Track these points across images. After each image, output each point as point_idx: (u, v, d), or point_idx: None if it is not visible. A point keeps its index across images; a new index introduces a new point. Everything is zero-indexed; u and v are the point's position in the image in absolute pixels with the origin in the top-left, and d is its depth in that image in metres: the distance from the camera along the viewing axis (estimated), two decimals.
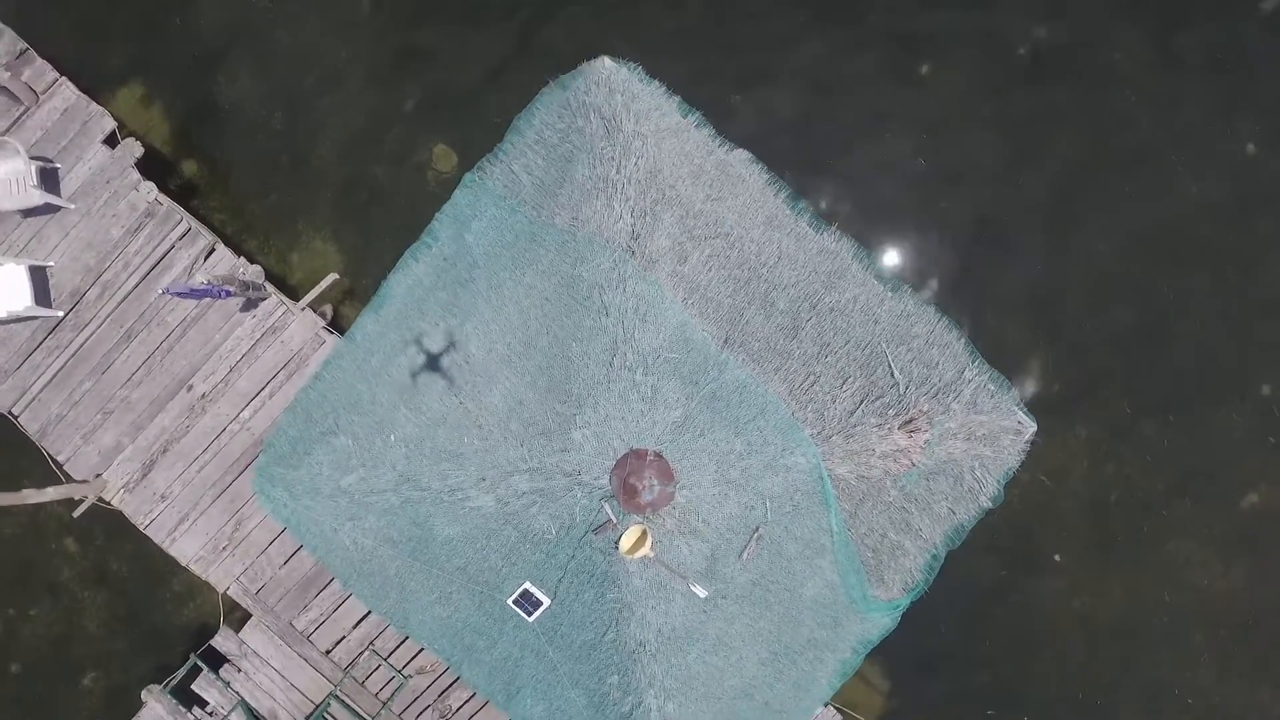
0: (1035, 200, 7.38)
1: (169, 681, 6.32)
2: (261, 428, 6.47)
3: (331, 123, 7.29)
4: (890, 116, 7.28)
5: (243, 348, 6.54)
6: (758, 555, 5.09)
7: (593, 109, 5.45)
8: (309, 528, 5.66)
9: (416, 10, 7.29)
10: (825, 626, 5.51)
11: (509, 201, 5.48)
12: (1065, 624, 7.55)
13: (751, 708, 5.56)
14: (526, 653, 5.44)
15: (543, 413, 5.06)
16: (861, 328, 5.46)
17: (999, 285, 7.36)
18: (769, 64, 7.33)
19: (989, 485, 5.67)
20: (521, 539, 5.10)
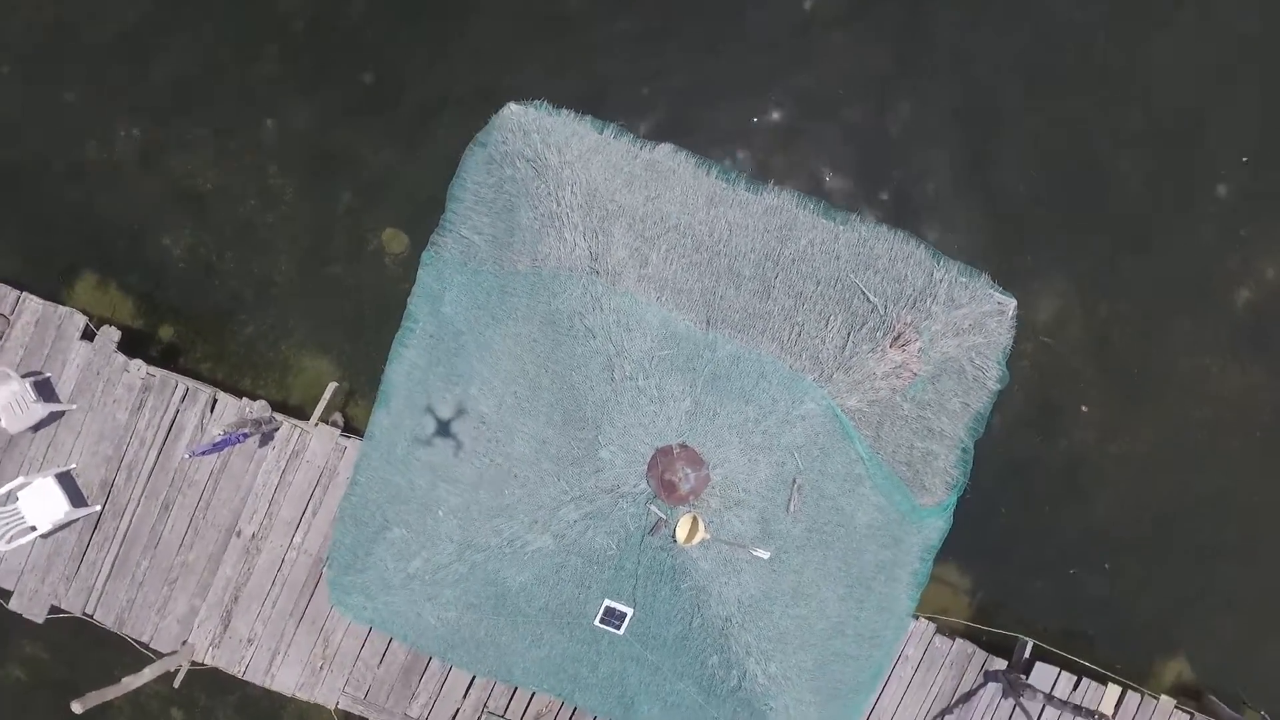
0: (939, 91, 7.88)
1: None
2: (317, 546, 6.98)
3: (279, 243, 7.79)
4: (778, 48, 7.75)
5: (273, 480, 7.04)
6: (803, 504, 5.61)
7: (515, 155, 5.93)
8: (393, 620, 6.18)
9: (320, 119, 7.78)
10: (887, 547, 6.03)
11: (470, 265, 5.97)
12: (1110, 469, 8.08)
13: (846, 642, 6.08)
14: (628, 663, 5.96)
15: (567, 444, 5.56)
16: (826, 267, 5.95)
17: (930, 177, 7.85)
18: (656, 49, 7.82)
19: (991, 369, 6.18)
20: (588, 563, 5.61)
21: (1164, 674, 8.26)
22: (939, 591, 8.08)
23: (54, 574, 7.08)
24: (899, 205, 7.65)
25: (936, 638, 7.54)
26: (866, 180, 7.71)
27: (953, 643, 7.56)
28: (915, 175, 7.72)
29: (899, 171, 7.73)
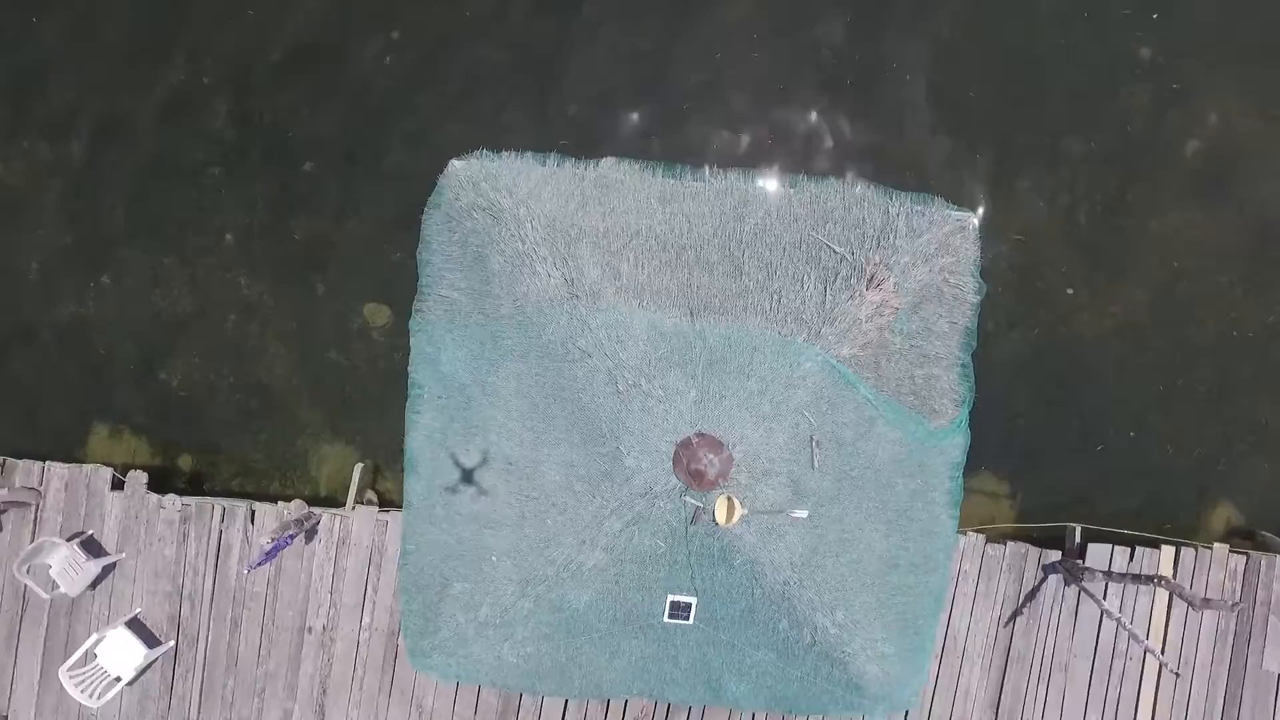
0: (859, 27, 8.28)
1: None
2: (386, 621, 7.43)
3: (269, 346, 8.22)
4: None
5: (327, 571, 7.49)
6: (825, 457, 6.05)
7: (470, 208, 6.36)
8: (476, 669, 6.64)
9: (273, 217, 8.20)
10: (915, 475, 6.47)
11: (457, 321, 6.41)
12: (1110, 341, 8.52)
13: (902, 574, 6.53)
14: (705, 649, 6.41)
15: (593, 462, 6.01)
16: (787, 232, 6.37)
17: (868, 114, 8.27)
18: (578, 57, 8.23)
19: (967, 284, 6.61)
20: (642, 566, 6.06)
21: (1213, 523, 8.70)
22: (981, 503, 8.54)
23: (148, 717, 7.54)
24: (838, 146, 8.08)
25: (988, 547, 7.99)
26: (808, 134, 8.15)
27: (1005, 548, 8.01)
28: (852, 103, 8.16)
29: (829, 99, 8.15)
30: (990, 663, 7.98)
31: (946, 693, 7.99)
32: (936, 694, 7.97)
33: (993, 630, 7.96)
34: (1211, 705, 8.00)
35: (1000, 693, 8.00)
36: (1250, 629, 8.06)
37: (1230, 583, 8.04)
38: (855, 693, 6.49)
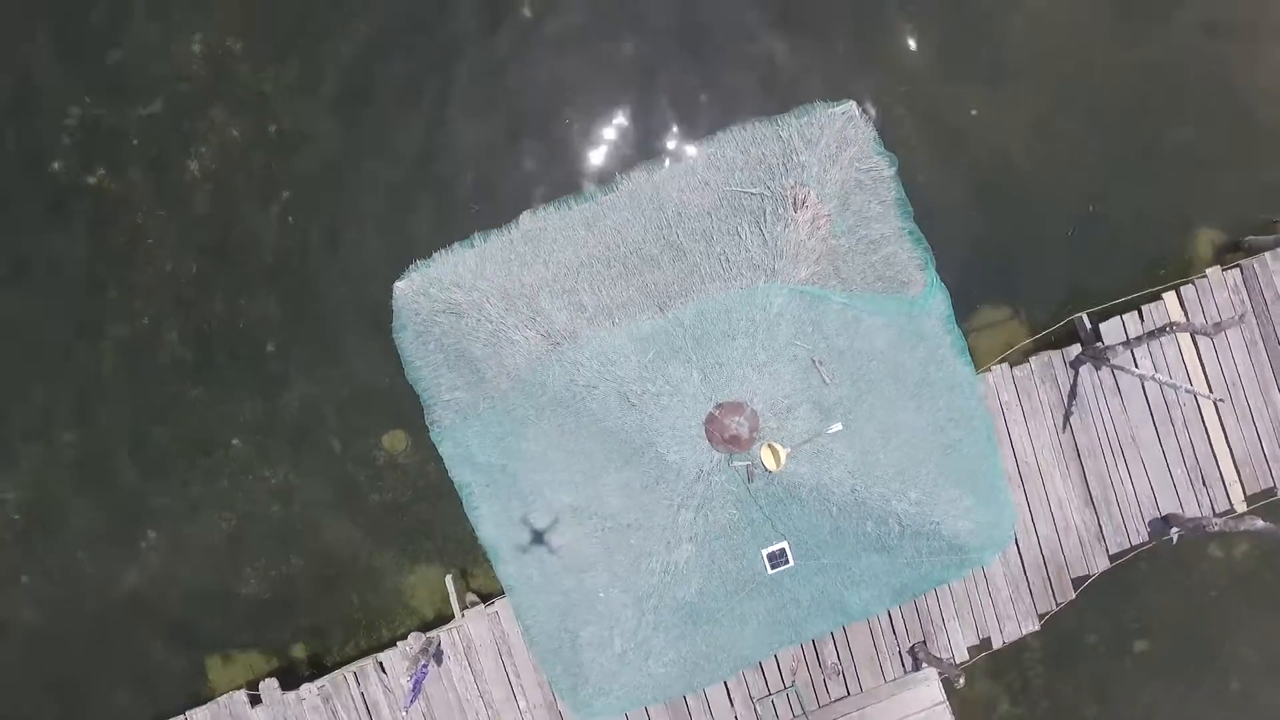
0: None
1: None
2: (540, 697, 8.31)
3: (318, 516, 9.07)
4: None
5: (468, 679, 8.36)
6: (832, 370, 6.86)
7: (431, 316, 7.22)
8: (637, 695, 7.51)
9: (265, 403, 9.03)
10: (917, 345, 7.29)
11: (469, 416, 7.24)
12: (1035, 139, 9.35)
13: (947, 433, 7.37)
14: (816, 579, 7.26)
15: (644, 473, 6.84)
16: (705, 198, 7.20)
17: (713, 70, 9.09)
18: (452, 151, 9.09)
19: (877, 162, 7.45)
20: (728, 538, 6.91)
21: (1201, 251, 9.52)
22: (994, 334, 9.38)
23: None
24: (716, 98, 8.92)
25: (1015, 371, 8.82)
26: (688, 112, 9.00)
27: (1030, 364, 8.84)
28: (696, 70, 9.01)
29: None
30: (1066, 467, 8.82)
31: (1043, 510, 8.84)
32: (1035, 516, 8.81)
33: (1054, 439, 8.80)
34: (1271, 408, 8.83)
35: (1087, 487, 8.84)
36: (1273, 325, 8.88)
37: (1235, 296, 8.85)
38: (959, 553, 7.32)
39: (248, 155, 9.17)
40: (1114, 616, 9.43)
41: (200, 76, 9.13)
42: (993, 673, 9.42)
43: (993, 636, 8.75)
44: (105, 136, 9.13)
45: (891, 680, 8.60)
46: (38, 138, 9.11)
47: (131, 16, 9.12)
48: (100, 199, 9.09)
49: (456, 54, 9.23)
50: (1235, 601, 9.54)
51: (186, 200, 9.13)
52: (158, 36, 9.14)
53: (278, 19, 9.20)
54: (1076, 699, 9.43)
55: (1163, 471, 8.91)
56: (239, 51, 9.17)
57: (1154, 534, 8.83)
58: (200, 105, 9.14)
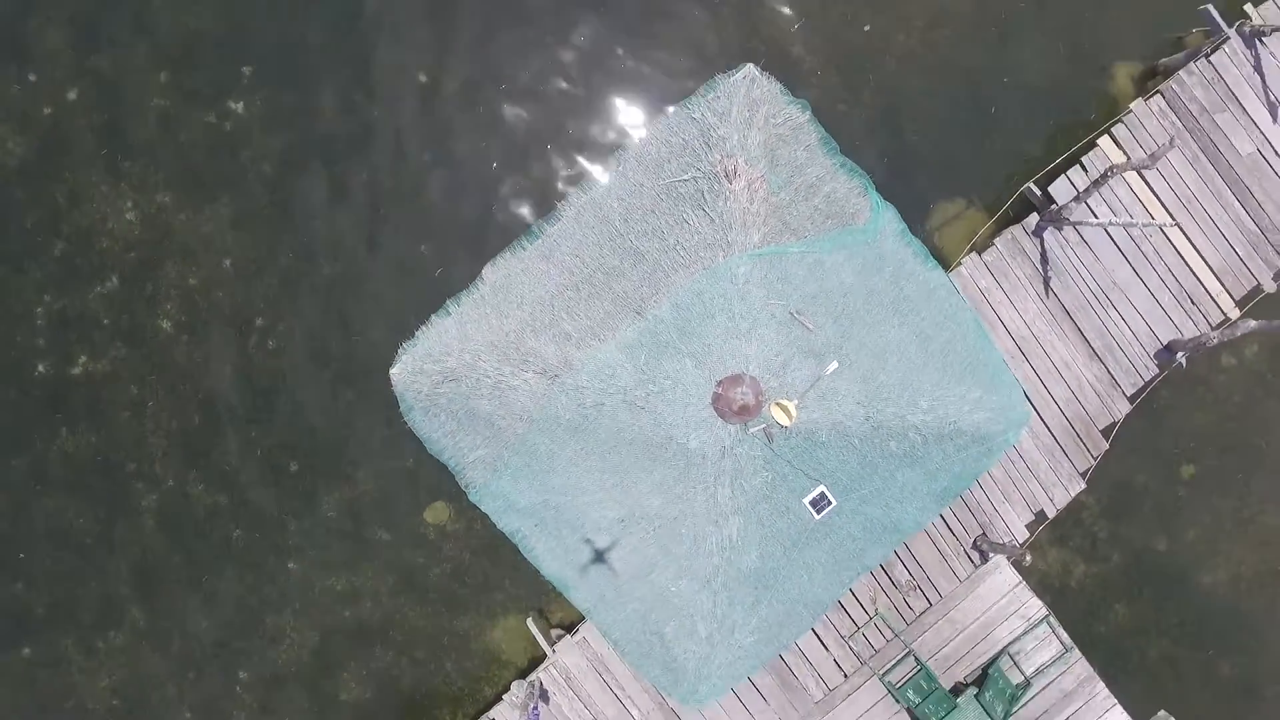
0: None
1: None
2: (649, 702, 8.97)
3: (392, 606, 9.71)
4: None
5: (578, 706, 9.03)
6: (812, 315, 7.46)
7: (433, 389, 7.94)
8: (735, 670, 8.23)
9: (305, 515, 9.68)
10: (882, 267, 7.95)
11: (498, 468, 7.92)
12: (936, 34, 9.91)
13: (936, 339, 8.00)
14: (862, 508, 7.91)
15: (672, 467, 7.49)
16: (645, 198, 7.85)
17: (605, 87, 9.72)
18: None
19: (790, 112, 8.06)
20: (769, 500, 7.56)
21: (1122, 87, 10.12)
22: (955, 230, 10.00)
23: None
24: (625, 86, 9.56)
25: (984, 257, 9.42)
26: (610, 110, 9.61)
27: (996, 245, 9.43)
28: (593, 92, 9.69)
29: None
30: (1062, 330, 9.43)
31: (1053, 376, 9.45)
32: (1047, 384, 9.42)
33: (1041, 307, 9.40)
34: (1231, 213, 9.40)
35: (1087, 341, 9.45)
36: (1209, 139, 9.45)
37: (1165, 120, 9.44)
38: (984, 442, 7.92)
39: (211, 296, 9.80)
40: (1154, 452, 10.05)
41: (143, 239, 9.77)
42: (1059, 541, 10.05)
43: (1045, 508, 9.38)
44: (75, 325, 9.77)
45: (966, 579, 9.24)
46: (13, 348, 9.77)
47: (61, 208, 9.77)
48: (91, 385, 9.74)
49: (369, 139, 9.85)
50: (1261, 399, 10.14)
51: (169, 357, 9.78)
52: (91, 216, 9.78)
53: (194, 161, 9.83)
54: (1144, 539, 10.06)
55: (1151, 305, 9.50)
56: (170, 203, 9.80)
57: (1162, 364, 9.43)
58: (152, 266, 9.78)
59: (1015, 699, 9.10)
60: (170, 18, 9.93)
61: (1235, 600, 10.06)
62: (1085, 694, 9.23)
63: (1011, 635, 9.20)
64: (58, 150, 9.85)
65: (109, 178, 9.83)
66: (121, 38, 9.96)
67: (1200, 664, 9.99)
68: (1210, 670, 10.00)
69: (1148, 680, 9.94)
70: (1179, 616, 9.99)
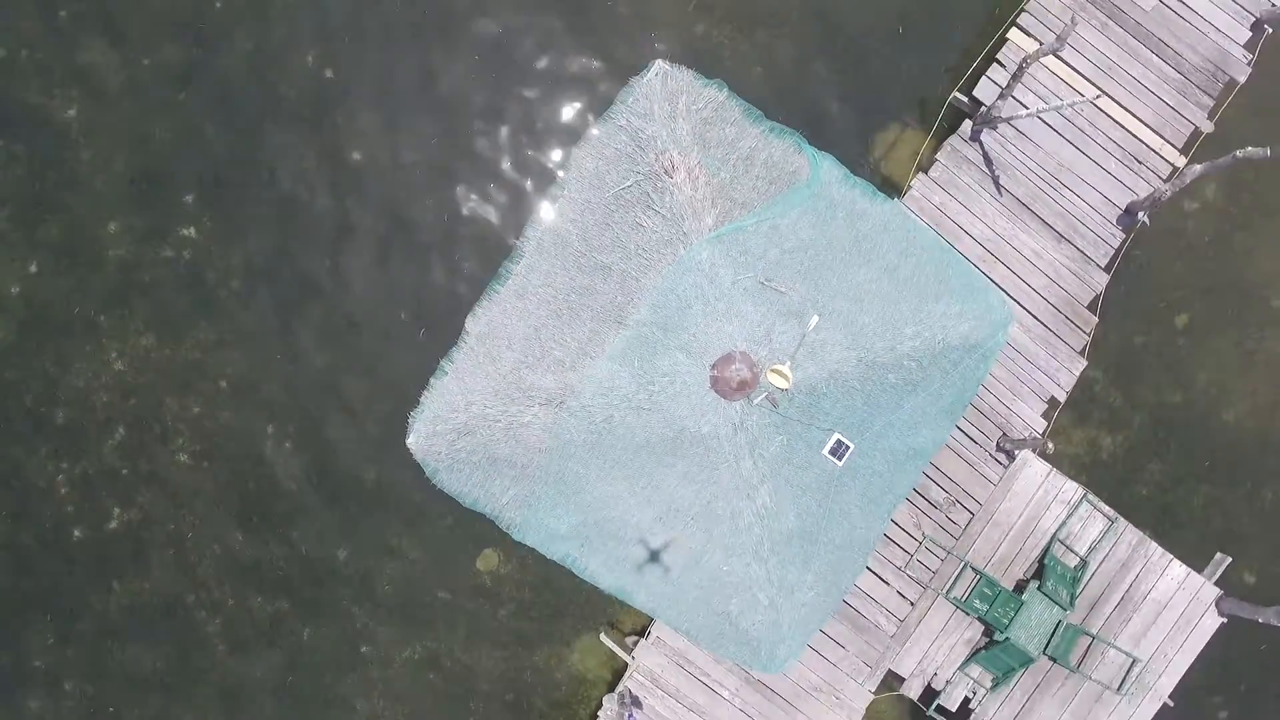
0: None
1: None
2: (736, 680, 9.57)
3: (468, 660, 10.35)
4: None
5: (669, 701, 9.63)
6: (780, 280, 8.05)
7: (451, 448, 8.65)
8: (805, 626, 8.92)
9: (369, 607, 10.31)
10: (834, 214, 8.60)
11: (533, 505, 8.65)
12: None
13: (907, 265, 8.64)
14: (881, 443, 8.58)
15: (694, 457, 8.17)
16: (598, 213, 8.50)
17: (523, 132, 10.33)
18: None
19: (708, 93, 8.67)
20: (789, 463, 8.24)
21: None
22: (898, 154, 10.61)
23: None
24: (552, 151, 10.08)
25: (931, 173, 10.02)
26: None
27: (938, 160, 9.98)
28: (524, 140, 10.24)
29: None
30: (1024, 222, 10.00)
31: (1027, 268, 10.04)
32: (1024, 277, 10.01)
33: (998, 207, 9.98)
34: (1152, 68, 9.93)
35: (1050, 226, 10.02)
36: (1111, 4, 10.00)
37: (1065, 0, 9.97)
38: (977, 350, 8.53)
39: (217, 418, 10.40)
40: (1144, 311, 10.62)
41: (137, 384, 10.38)
42: (1078, 420, 10.63)
43: (1055, 394, 9.96)
44: (98, 483, 10.40)
45: (999, 481, 9.82)
46: (46, 521, 10.39)
47: (53, 377, 10.37)
48: (129, 534, 10.37)
49: (321, 226, 10.42)
50: (1230, 232, 10.71)
51: (195, 487, 10.40)
52: (83, 377, 10.38)
53: (164, 297, 10.41)
54: (1159, 396, 10.64)
55: (1101, 175, 10.06)
56: (153, 343, 10.40)
57: (1127, 228, 9.98)
58: (153, 407, 10.40)
59: (1076, 580, 9.70)
60: (100, 168, 10.54)
61: (1259, 429, 10.64)
62: (1141, 558, 9.83)
63: (1057, 522, 9.80)
64: (35, 324, 10.47)
65: (90, 336, 10.44)
66: (60, 201, 10.57)
67: (1242, 498, 10.58)
68: (1254, 501, 10.59)
69: (1197, 528, 10.54)
70: (1210, 459, 10.58)
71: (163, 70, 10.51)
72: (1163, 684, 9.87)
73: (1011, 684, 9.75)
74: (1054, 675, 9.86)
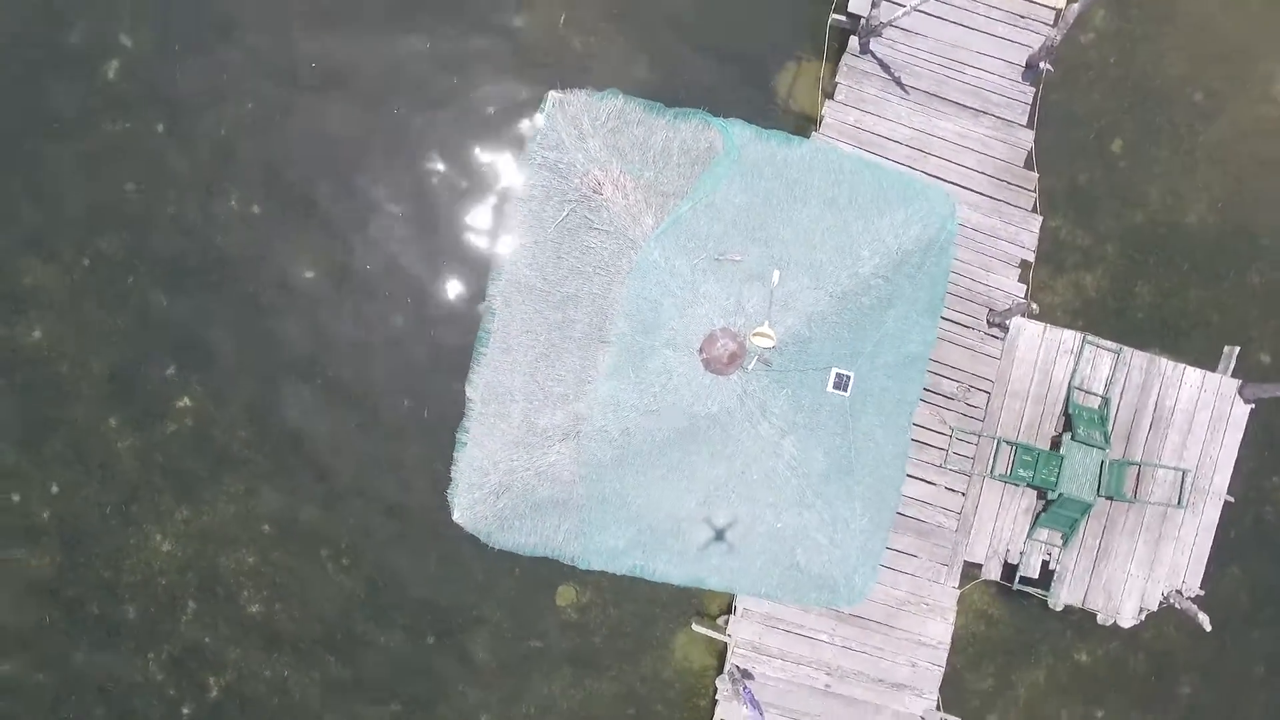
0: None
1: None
2: (827, 620, 10.41)
3: (589, 693, 11.26)
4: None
5: (774, 663, 10.46)
6: (732, 249, 8.89)
7: (494, 509, 9.56)
8: (870, 550, 9.87)
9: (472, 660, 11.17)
10: (761, 172, 9.53)
11: (588, 531, 9.58)
12: None
13: (843, 194, 9.51)
14: (878, 360, 9.55)
15: (713, 436, 9.11)
16: (547, 250, 9.47)
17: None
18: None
19: (605, 104, 9.44)
20: (799, 407, 9.18)
21: None
22: (803, 88, 11.43)
23: None
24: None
25: (837, 97, 10.82)
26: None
27: (838, 84, 10.77)
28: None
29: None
30: (938, 111, 10.80)
31: (957, 150, 10.86)
32: (958, 159, 10.77)
33: (909, 107, 10.82)
34: None
35: (963, 106, 10.80)
36: None
37: None
38: (932, 245, 9.54)
39: (272, 560, 11.26)
40: (1079, 148, 11.46)
41: (188, 557, 11.26)
42: (1056, 271, 11.44)
43: (1023, 256, 10.75)
44: (187, 659, 11.29)
45: (1001, 354, 10.62)
46: (151, 711, 11.24)
47: (108, 580, 11.22)
48: (233, 695, 11.28)
49: (312, 349, 11.22)
50: (1132, 48, 11.53)
51: (276, 629, 11.28)
52: (137, 569, 11.22)
53: (183, 467, 11.23)
54: (1121, 221, 11.49)
55: (990, 42, 10.84)
56: (188, 514, 11.26)
57: (1034, 80, 10.74)
58: (210, 572, 11.25)
59: (1104, 418, 10.50)
60: (80, 374, 11.36)
61: (1224, 220, 11.45)
62: (1156, 376, 10.64)
63: (1068, 372, 10.61)
64: (75, 538, 11.35)
65: (128, 529, 11.32)
66: (55, 417, 11.40)
67: (1231, 289, 11.41)
68: (1243, 288, 11.41)
69: (1200, 331, 11.38)
70: (1189, 263, 11.40)
71: (102, 264, 11.37)
72: (1217, 483, 10.71)
73: (1080, 534, 10.58)
74: (1116, 512, 10.69)
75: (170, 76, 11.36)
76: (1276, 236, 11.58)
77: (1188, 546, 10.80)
